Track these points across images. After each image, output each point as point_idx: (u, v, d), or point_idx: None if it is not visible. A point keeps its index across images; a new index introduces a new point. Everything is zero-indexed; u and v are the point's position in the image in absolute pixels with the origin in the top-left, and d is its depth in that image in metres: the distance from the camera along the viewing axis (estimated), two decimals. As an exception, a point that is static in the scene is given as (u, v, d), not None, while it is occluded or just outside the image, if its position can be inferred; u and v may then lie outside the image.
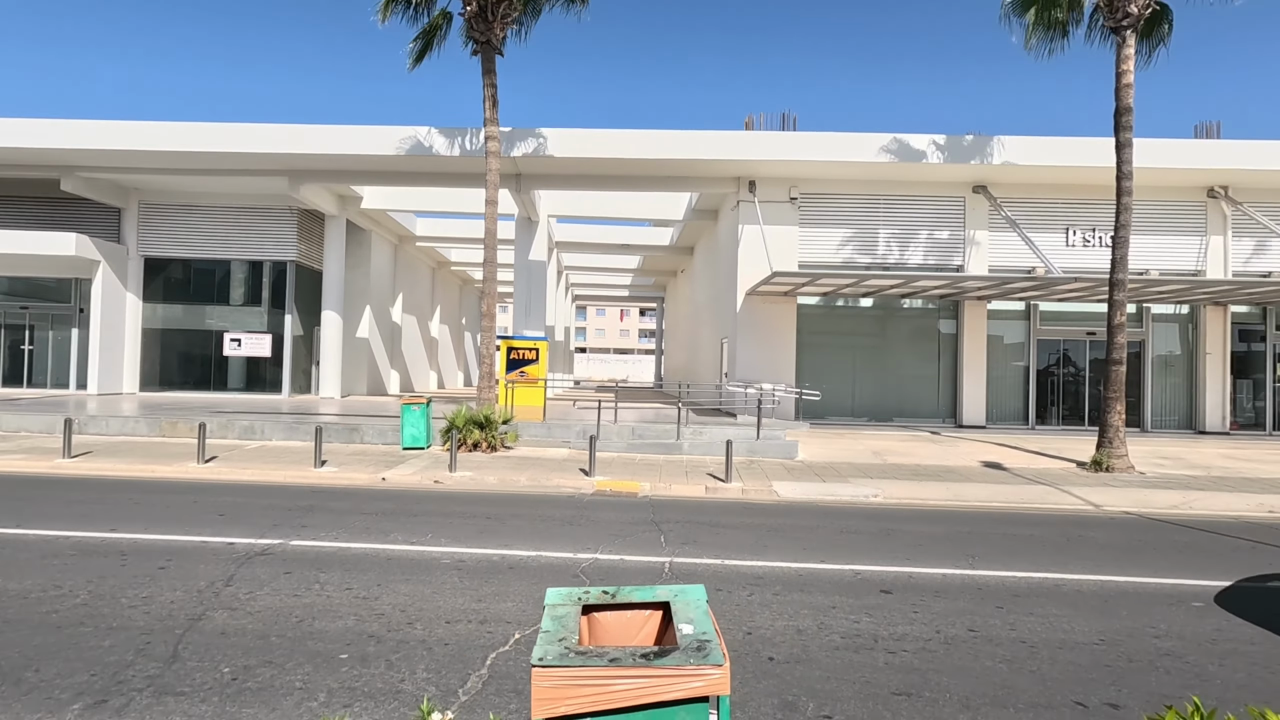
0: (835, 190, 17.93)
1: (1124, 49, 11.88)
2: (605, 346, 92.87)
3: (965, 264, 17.60)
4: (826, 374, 18.22)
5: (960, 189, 17.77)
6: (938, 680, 3.79)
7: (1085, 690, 3.70)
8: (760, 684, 3.67)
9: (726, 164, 17.21)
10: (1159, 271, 17.44)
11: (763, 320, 17.72)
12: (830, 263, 17.67)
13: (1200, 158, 16.74)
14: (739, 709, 3.40)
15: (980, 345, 17.76)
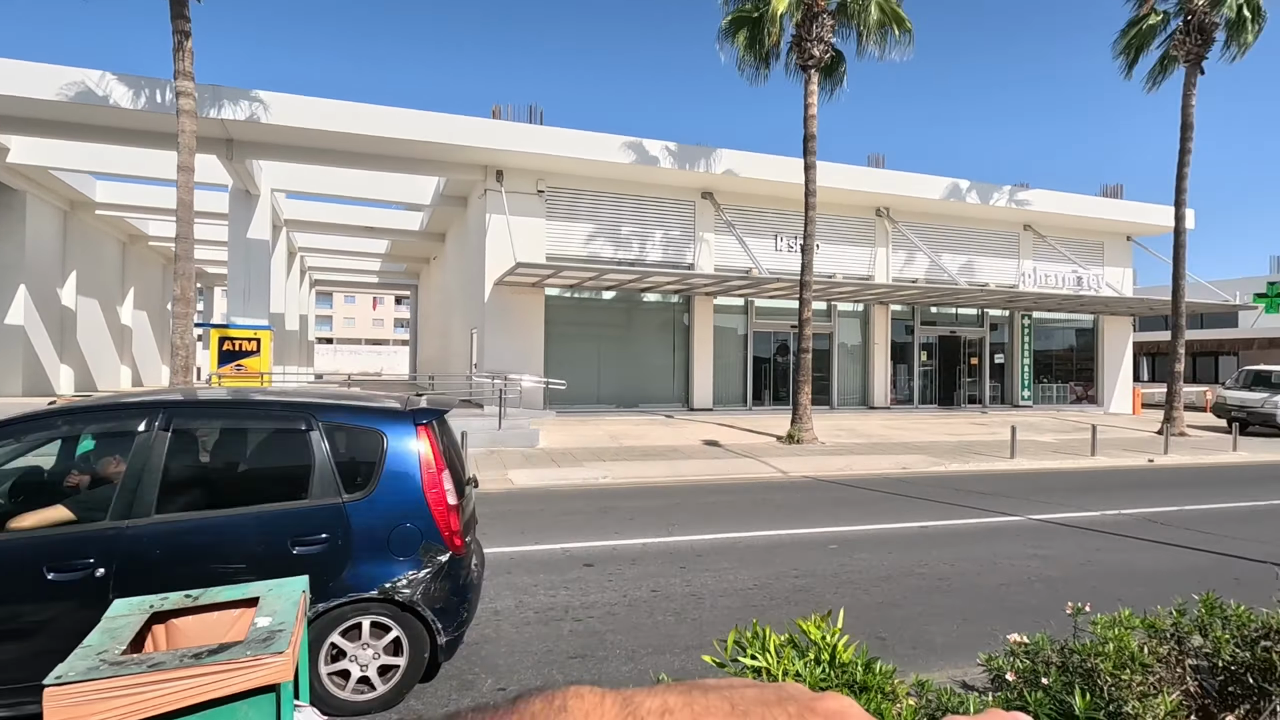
0: (582, 186, 18.60)
1: (809, 85, 14.02)
2: (356, 337, 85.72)
3: (695, 262, 19.43)
4: (574, 364, 18.88)
5: (691, 193, 19.55)
6: (613, 639, 4.17)
7: (729, 628, 4.35)
8: (444, 669, 3.71)
9: (472, 151, 16.90)
10: (842, 275, 20.94)
11: (511, 311, 17.78)
12: (576, 256, 18.31)
13: (869, 183, 20.43)
14: (416, 698, 3.40)
15: (708, 336, 19.77)
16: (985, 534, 7.04)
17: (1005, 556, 6.18)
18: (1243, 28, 16.30)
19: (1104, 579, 5.61)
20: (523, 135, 17.05)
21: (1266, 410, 17.55)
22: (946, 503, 8.62)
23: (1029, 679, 2.55)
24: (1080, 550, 6.45)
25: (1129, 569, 5.90)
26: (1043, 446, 14.68)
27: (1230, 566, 6.05)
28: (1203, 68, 16.94)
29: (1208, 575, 5.74)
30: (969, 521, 7.57)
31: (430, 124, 16.27)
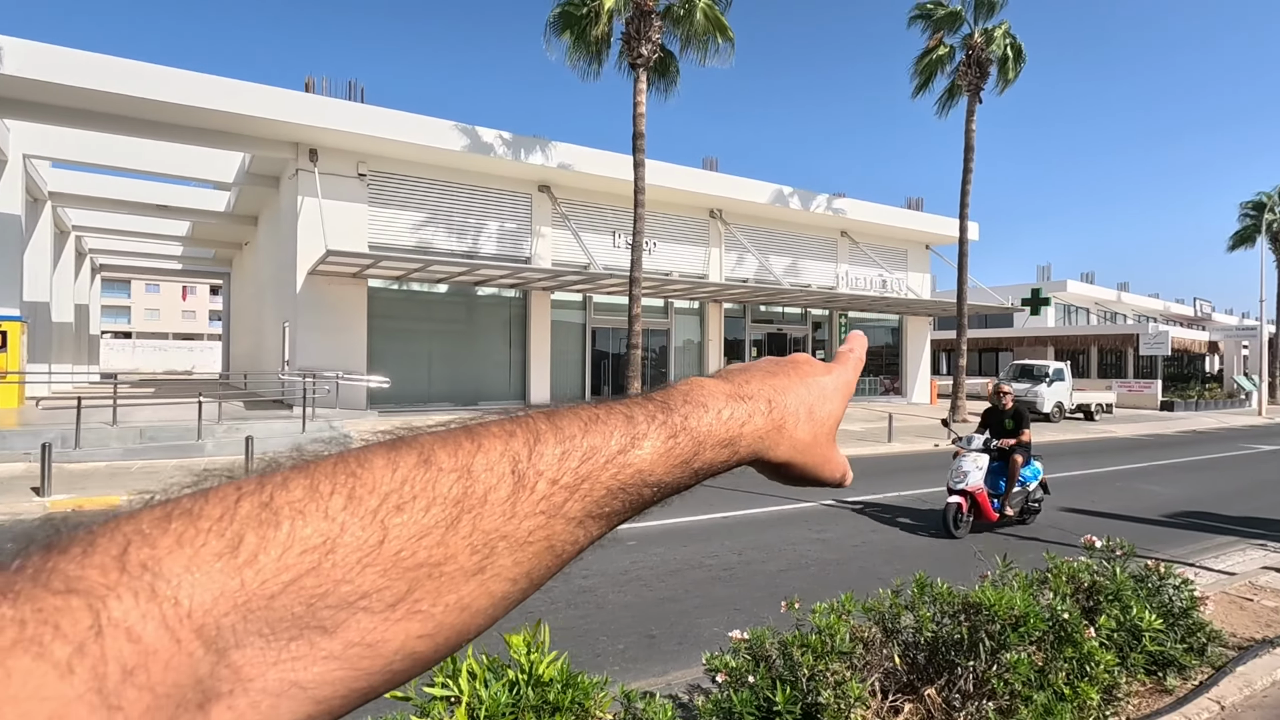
0: (410, 172, 17.52)
1: (638, 83, 14.15)
2: (162, 331, 75.81)
3: (532, 256, 19.03)
4: (403, 360, 17.78)
5: (529, 186, 19.11)
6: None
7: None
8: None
9: (280, 125, 15.31)
10: (678, 274, 21.52)
11: (328, 303, 16.36)
12: (403, 246, 17.24)
13: (703, 185, 21.13)
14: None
15: (545, 332, 19.46)
16: (778, 521, 7.38)
17: (790, 541, 6.48)
18: (1007, 65, 18.72)
19: (872, 558, 6.02)
20: (340, 112, 15.73)
21: (1029, 398, 20.34)
22: (751, 492, 8.97)
23: (738, 678, 2.53)
24: (857, 532, 6.93)
25: (896, 548, 6.40)
26: (849, 435, 15.93)
27: (985, 540, 6.77)
28: (981, 97, 19.26)
29: (957, 548, 6.36)
30: (767, 510, 7.91)
31: (227, 92, 14.53)
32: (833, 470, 0.49)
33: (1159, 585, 3.73)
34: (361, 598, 0.29)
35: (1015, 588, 3.35)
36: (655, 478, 0.38)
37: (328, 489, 0.30)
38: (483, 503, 0.32)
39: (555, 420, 0.37)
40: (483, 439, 0.34)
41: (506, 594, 0.34)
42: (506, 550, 0.33)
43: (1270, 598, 5.03)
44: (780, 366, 0.48)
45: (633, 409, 0.40)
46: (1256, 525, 7.74)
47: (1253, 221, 31.16)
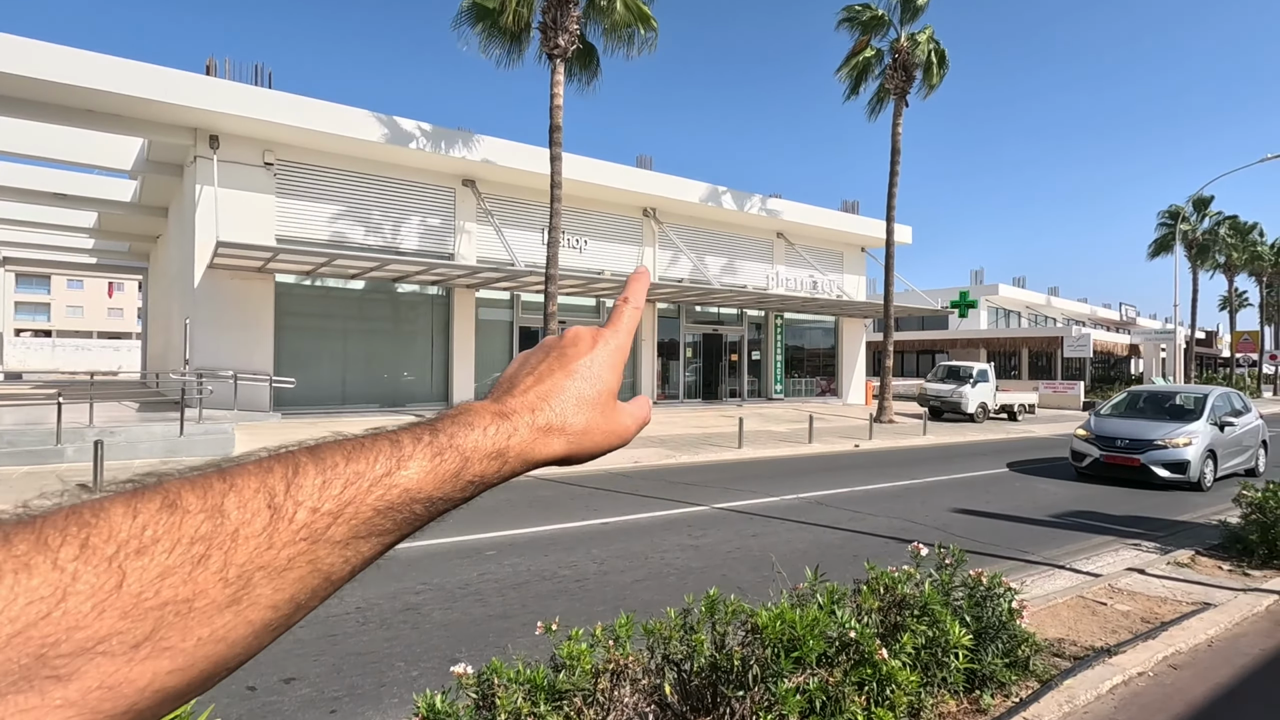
0: (323, 162, 16.72)
1: (555, 74, 13.73)
2: (86, 329, 72.00)
3: (456, 253, 18.41)
4: (316, 360, 16.97)
5: (452, 180, 18.49)
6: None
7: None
8: None
9: (177, 109, 14.37)
10: (611, 272, 21.16)
11: (230, 298, 15.47)
12: (316, 239, 16.44)
13: (636, 183, 20.84)
14: None
15: (469, 330, 18.85)
16: (659, 526, 7.06)
17: (661, 549, 6.16)
18: (932, 70, 18.94)
19: (736, 565, 5.74)
20: (243, 97, 14.89)
21: (954, 399, 20.66)
22: (648, 496, 8.66)
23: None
24: (736, 537, 6.66)
25: (768, 553, 6.13)
26: (773, 436, 15.82)
27: (854, 542, 6.57)
28: (907, 100, 19.45)
29: (829, 551, 6.14)
30: (653, 514, 7.59)
31: (118, 72, 13.57)
32: (622, 433, 0.52)
33: (984, 596, 3.50)
34: (99, 642, 0.29)
35: (820, 604, 3.06)
36: (425, 494, 0.40)
37: (57, 540, 0.30)
38: (234, 538, 0.33)
39: (317, 452, 0.38)
40: (236, 477, 0.35)
41: (269, 621, 0.34)
42: (265, 579, 0.34)
43: (1125, 601, 4.92)
44: (549, 365, 0.50)
45: (399, 435, 0.41)
46: (1137, 524, 7.77)
47: (1169, 230, 32.50)
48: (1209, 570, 5.77)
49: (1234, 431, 10.99)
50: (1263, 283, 47.75)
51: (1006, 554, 6.31)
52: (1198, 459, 9.91)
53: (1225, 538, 6.32)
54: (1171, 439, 10.05)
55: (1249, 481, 6.26)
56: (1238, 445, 11.16)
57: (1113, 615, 4.63)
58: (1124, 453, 10.33)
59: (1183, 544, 6.72)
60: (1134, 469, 10.17)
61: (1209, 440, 10.27)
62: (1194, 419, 10.54)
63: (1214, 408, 10.87)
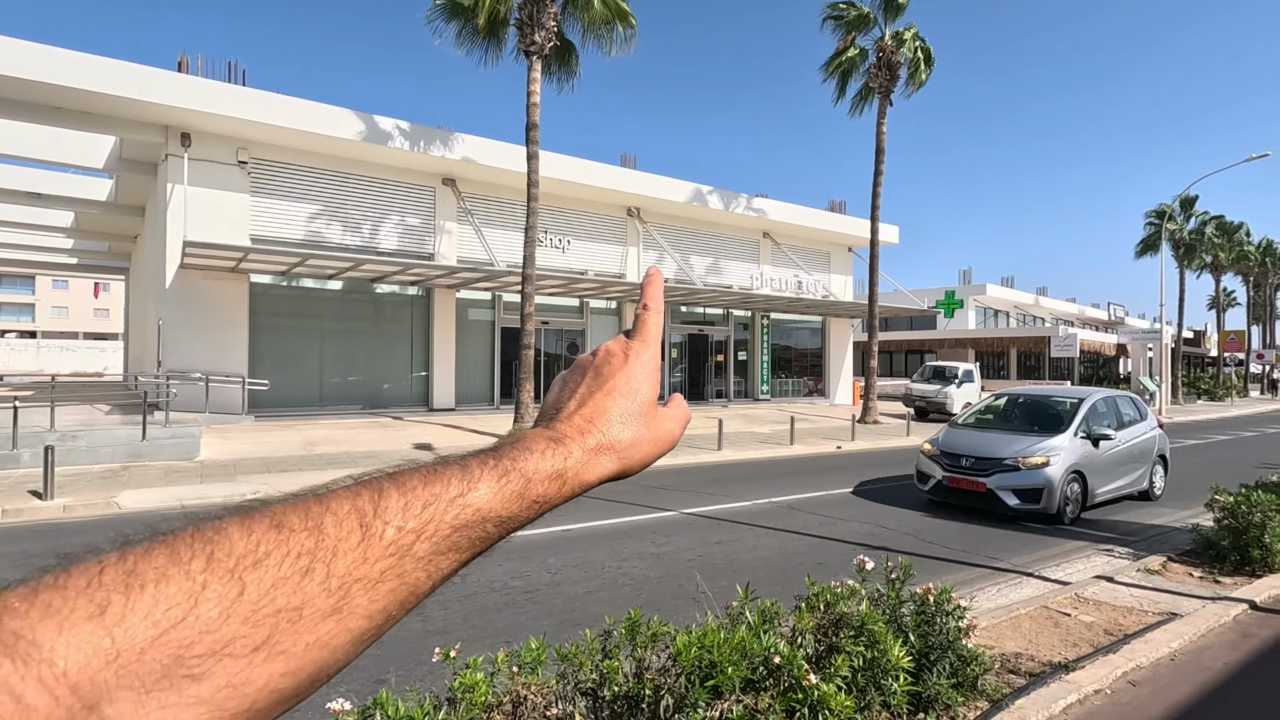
0: (299, 161, 16.47)
1: (532, 71, 13.54)
2: (71, 330, 71.31)
3: (436, 252, 18.18)
4: (292, 361, 16.72)
5: (432, 179, 18.26)
6: None
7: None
8: None
9: (149, 107, 14.11)
10: (594, 273, 20.97)
11: (203, 299, 15.21)
12: (291, 239, 16.18)
13: (620, 182, 20.65)
14: None
15: (450, 331, 18.62)
16: (622, 532, 6.88)
17: (620, 557, 5.98)
18: (918, 68, 18.83)
19: (694, 573, 5.56)
20: (216, 94, 14.64)
21: (940, 399, 20.56)
22: (617, 501, 8.47)
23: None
24: (699, 544, 6.48)
25: (730, 561, 5.97)
26: (755, 438, 15.66)
27: (822, 549, 6.41)
28: (891, 99, 19.34)
29: (794, 560, 5.98)
30: (618, 520, 7.41)
31: (87, 69, 13.32)
32: (669, 439, 0.55)
33: (933, 613, 3.33)
34: (226, 645, 0.32)
35: (750, 623, 2.89)
36: (494, 513, 0.44)
37: (188, 554, 0.34)
38: (334, 552, 0.37)
39: (398, 478, 0.42)
40: (330, 500, 0.39)
41: (364, 630, 0.38)
42: (361, 591, 0.37)
43: (1090, 611, 4.77)
44: (588, 387, 0.54)
45: (468, 460, 0.46)
46: (1111, 529, 7.64)
47: (1156, 230, 32.53)
48: (1180, 578, 5.63)
49: (1114, 447, 8.61)
50: (1249, 282, 47.96)
51: (976, 560, 6.16)
52: (1058, 482, 7.65)
53: (1198, 544, 6.19)
54: (1025, 457, 7.83)
55: (1221, 485, 6.12)
56: (1121, 463, 8.79)
57: (1076, 627, 4.48)
58: (969, 474, 8.11)
59: (1156, 550, 6.60)
60: (980, 495, 7.98)
61: (1076, 458, 8.02)
62: (1062, 430, 8.38)
63: (1086, 417, 8.57)
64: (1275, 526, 5.57)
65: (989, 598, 5.19)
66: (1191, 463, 13.61)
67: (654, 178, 21.52)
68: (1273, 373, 49.00)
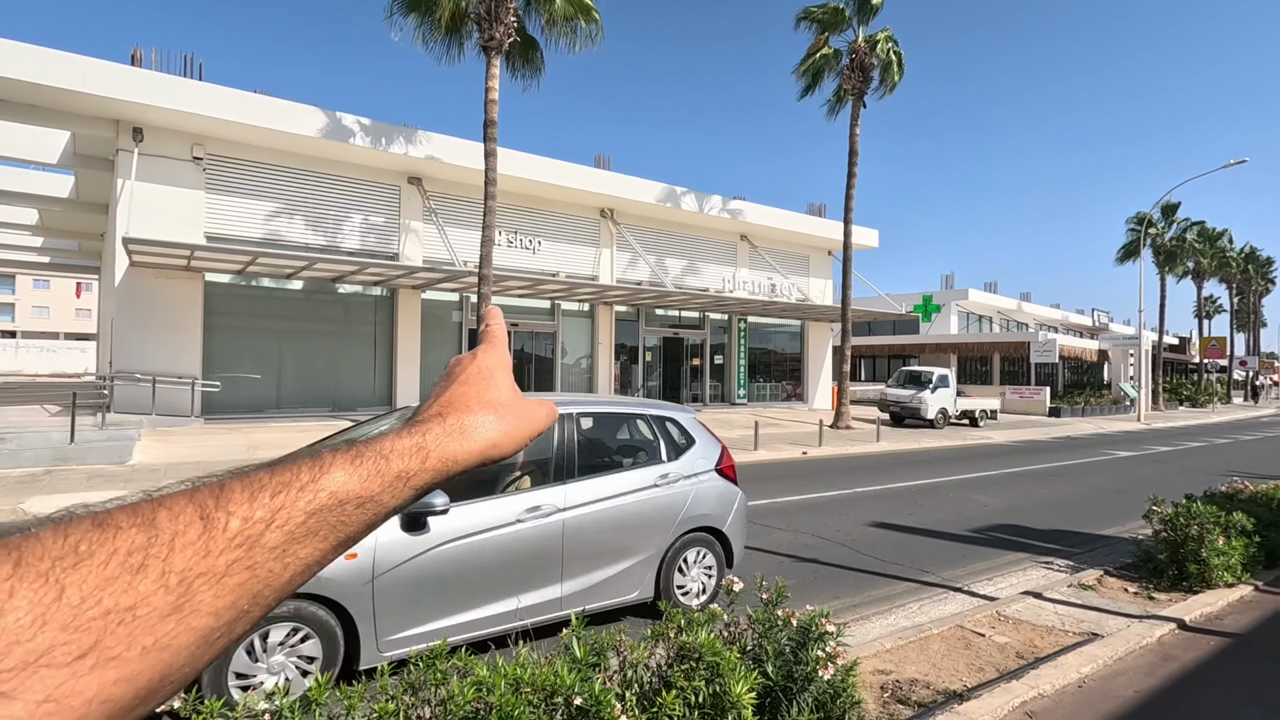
0: (257, 158, 16.11)
1: (491, 68, 13.25)
2: (52, 330, 70.49)
3: (401, 252, 17.84)
4: (250, 362, 16.32)
5: (396, 177, 17.92)
6: None
7: None
8: None
9: (98, 100, 13.75)
10: (565, 274, 20.65)
11: (156, 299, 14.82)
12: (249, 237, 15.81)
13: (591, 183, 20.35)
14: None
15: (415, 333, 18.25)
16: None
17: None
18: (890, 71, 18.64)
19: (604, 591, 5.23)
20: (169, 88, 14.27)
21: (914, 405, 20.33)
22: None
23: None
24: (619, 557, 6.16)
25: (646, 575, 5.65)
26: (720, 443, 15.34)
27: (745, 562, 6.10)
28: (865, 102, 19.14)
29: (713, 576, 5.66)
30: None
31: (32, 60, 12.93)
32: (535, 421, 0.56)
33: (802, 640, 3.03)
34: (42, 654, 0.29)
35: (577, 656, 2.58)
36: (352, 494, 0.42)
37: None
38: (170, 547, 0.34)
39: (240, 472, 0.41)
40: (165, 497, 0.37)
41: (212, 628, 0.35)
42: (205, 586, 0.35)
43: (1008, 631, 4.48)
44: (443, 385, 0.56)
45: (319, 450, 0.44)
46: (1059, 539, 7.37)
47: (1137, 236, 32.50)
48: (1113, 593, 5.35)
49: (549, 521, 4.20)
50: (1232, 289, 48.09)
51: (906, 574, 5.87)
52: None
53: (1138, 557, 5.93)
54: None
55: (1157, 495, 5.85)
56: (590, 548, 4.37)
57: (988, 649, 4.19)
58: None
59: (1100, 562, 6.33)
60: None
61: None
62: None
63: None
64: (1213, 540, 5.30)
65: (907, 615, 4.89)
66: (1158, 470, 13.41)
67: (627, 178, 21.25)
68: (1255, 380, 49.15)
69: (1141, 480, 11.82)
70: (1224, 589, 5.30)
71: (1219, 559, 5.26)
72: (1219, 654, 4.18)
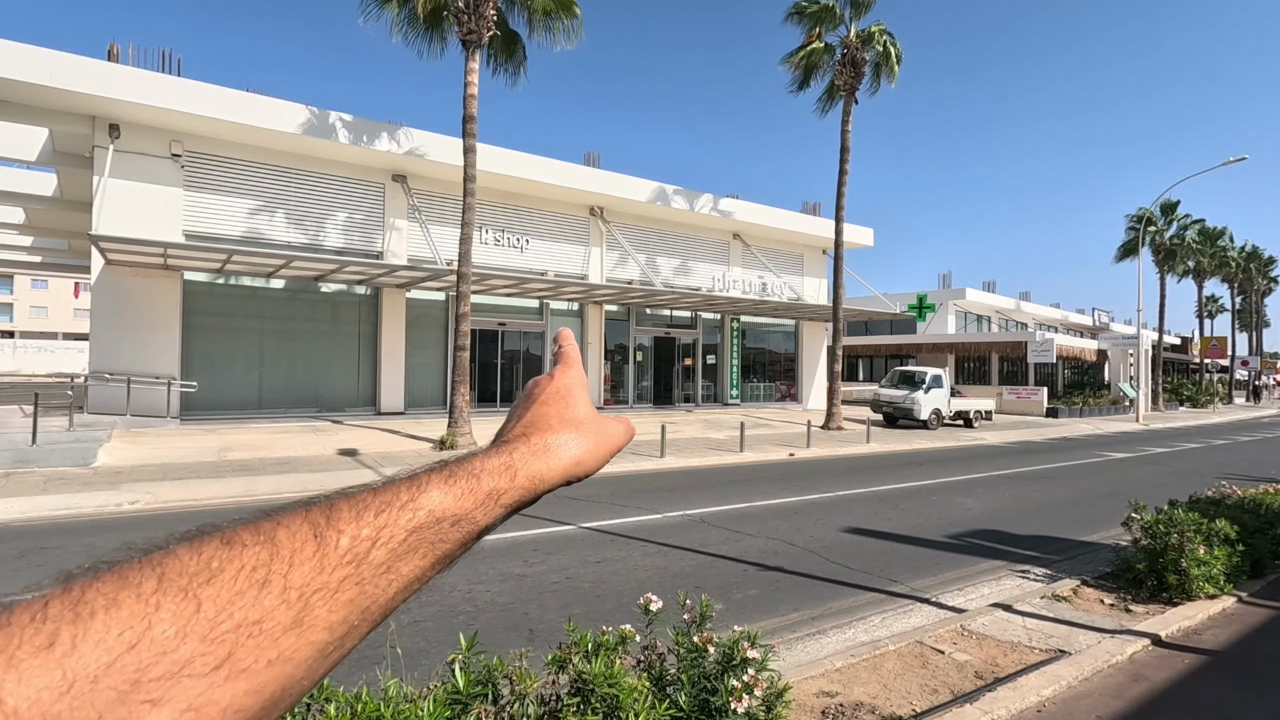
0: (238, 155, 15.90)
1: (470, 62, 13.00)
2: (51, 331, 70.45)
3: (385, 251, 17.61)
4: (230, 362, 16.12)
5: (380, 175, 17.70)
6: None
7: None
8: None
9: (74, 96, 13.53)
10: (554, 273, 20.40)
11: (134, 298, 14.61)
12: (229, 236, 15.60)
13: (581, 181, 20.10)
14: None
15: (399, 332, 18.02)
16: (498, 550, 6.30)
17: (479, 579, 5.41)
18: (886, 65, 18.35)
19: (548, 602, 4.99)
20: (146, 84, 14.06)
21: (907, 405, 20.04)
22: (533, 515, 7.91)
23: None
24: (576, 564, 5.92)
25: (598, 585, 5.41)
26: (707, 444, 15.10)
27: (708, 569, 5.85)
28: (857, 98, 18.86)
29: (672, 583, 5.41)
30: (501, 536, 6.83)
31: (4, 55, 12.70)
32: (615, 437, 0.56)
33: (724, 667, 2.77)
34: (185, 665, 0.31)
35: (457, 687, 2.33)
36: (448, 512, 0.43)
37: (137, 577, 0.33)
38: (290, 563, 0.36)
39: (346, 492, 0.43)
40: (281, 515, 0.39)
41: (326, 642, 0.37)
42: (321, 601, 0.36)
43: (970, 647, 4.22)
44: (524, 407, 0.55)
45: (416, 471, 0.46)
46: (1040, 545, 7.10)
47: (1136, 234, 32.15)
48: (1089, 605, 5.09)
49: None
50: (1234, 288, 47.69)
51: (873, 584, 5.61)
52: None
53: (1117, 566, 5.66)
54: None
55: (1138, 501, 5.57)
56: None
57: (945, 668, 3.92)
58: None
59: (1079, 570, 6.07)
60: None
61: None
62: None
63: None
64: (1194, 549, 5.04)
65: (867, 629, 4.63)
66: (1153, 472, 13.12)
67: (617, 176, 20.99)
68: (1257, 380, 48.75)
69: (1134, 483, 11.54)
70: (1205, 601, 5.04)
71: (1199, 569, 4.99)
72: (1193, 673, 3.91)
